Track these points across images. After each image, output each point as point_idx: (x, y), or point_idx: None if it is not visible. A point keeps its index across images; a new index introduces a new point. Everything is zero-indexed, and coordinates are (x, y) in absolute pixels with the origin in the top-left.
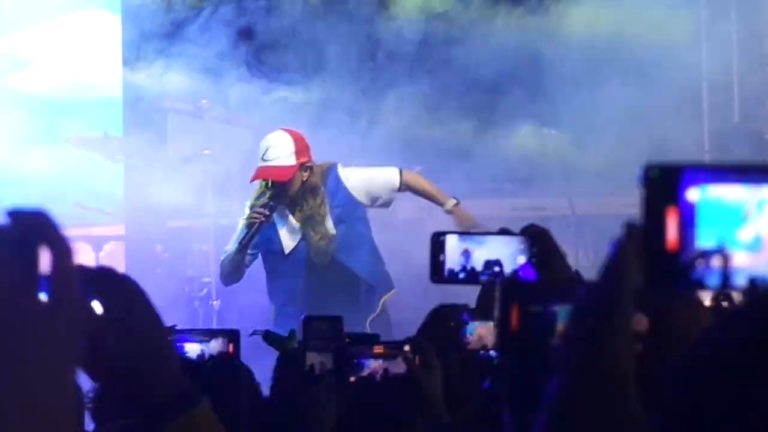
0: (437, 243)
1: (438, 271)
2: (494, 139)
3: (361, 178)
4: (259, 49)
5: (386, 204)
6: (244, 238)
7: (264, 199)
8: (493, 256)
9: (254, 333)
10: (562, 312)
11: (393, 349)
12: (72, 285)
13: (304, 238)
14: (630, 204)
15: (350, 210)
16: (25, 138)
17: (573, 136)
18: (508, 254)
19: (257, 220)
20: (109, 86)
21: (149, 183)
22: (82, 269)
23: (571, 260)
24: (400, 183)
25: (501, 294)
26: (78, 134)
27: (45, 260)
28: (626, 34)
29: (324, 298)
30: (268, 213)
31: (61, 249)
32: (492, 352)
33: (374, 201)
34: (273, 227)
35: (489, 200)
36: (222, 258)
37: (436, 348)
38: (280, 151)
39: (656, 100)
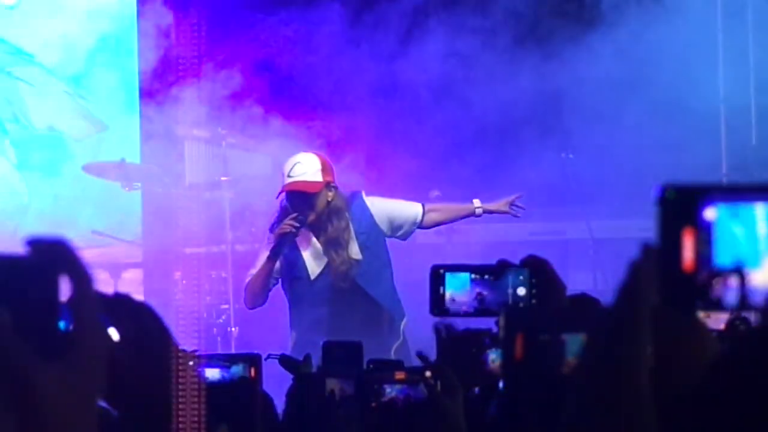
0: (437, 276)
1: (439, 305)
2: (513, 165)
3: (386, 207)
4: (280, 82)
5: (405, 236)
6: (274, 248)
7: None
8: (502, 296)
9: (269, 357)
10: (571, 340)
11: (414, 374)
12: (92, 313)
13: (328, 264)
14: (648, 227)
15: (375, 237)
16: (43, 165)
17: (592, 161)
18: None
19: (289, 230)
20: (127, 112)
21: (167, 210)
22: (99, 296)
23: (589, 283)
24: (423, 218)
25: (505, 323)
26: (95, 161)
27: (65, 288)
28: (646, 65)
29: (348, 326)
30: (298, 225)
31: (81, 277)
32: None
33: (395, 231)
34: (297, 252)
35: (508, 224)
36: (247, 281)
37: (458, 374)
38: (307, 168)
39: (674, 126)
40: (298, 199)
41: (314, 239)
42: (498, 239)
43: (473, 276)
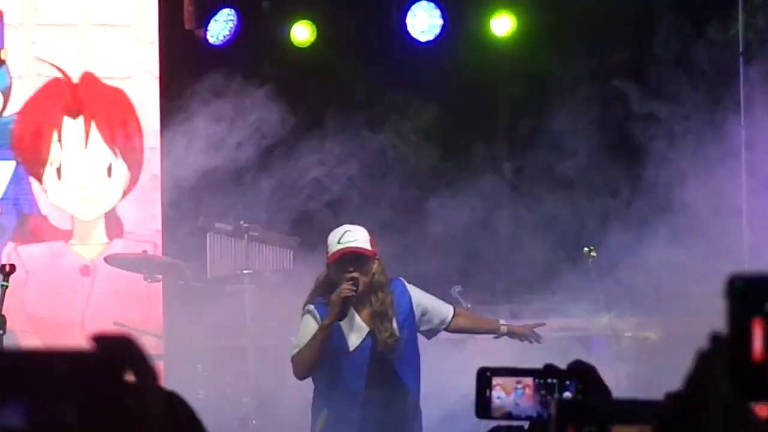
0: (484, 379)
1: (485, 407)
2: (534, 263)
3: (422, 298)
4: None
5: (429, 334)
6: (338, 312)
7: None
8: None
9: None
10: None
11: None
12: (157, 409)
13: (369, 335)
14: (670, 325)
15: (411, 322)
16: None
17: (615, 260)
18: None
19: (350, 294)
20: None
21: (189, 302)
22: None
23: (612, 380)
24: (451, 320)
25: (557, 414)
26: (118, 253)
27: (130, 384)
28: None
29: (382, 406)
30: (355, 289)
31: (146, 373)
32: None
33: (421, 325)
34: (336, 324)
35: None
36: (294, 353)
37: None
38: (358, 236)
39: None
40: (354, 262)
41: (356, 314)
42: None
43: (518, 380)
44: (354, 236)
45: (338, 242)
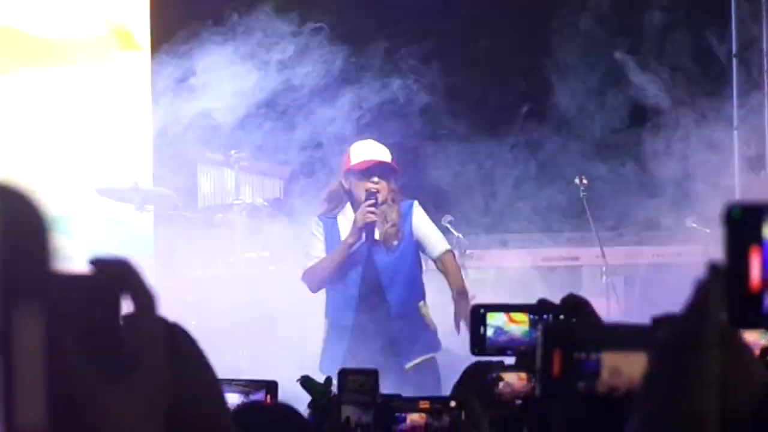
0: (478, 316)
1: (479, 344)
2: (528, 190)
3: (424, 224)
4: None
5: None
6: (363, 236)
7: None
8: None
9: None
10: (610, 359)
11: (438, 403)
12: (155, 333)
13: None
14: (661, 254)
15: (408, 231)
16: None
17: (606, 187)
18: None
19: (373, 219)
20: (140, 134)
21: (179, 232)
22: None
23: (603, 310)
24: (438, 257)
25: (543, 339)
26: (108, 184)
27: (128, 309)
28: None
29: (373, 318)
30: (375, 213)
31: (144, 297)
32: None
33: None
34: (338, 236)
35: (522, 249)
36: (311, 264)
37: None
38: (384, 152)
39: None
40: (380, 173)
41: (353, 212)
42: (512, 264)
43: (513, 315)
44: (381, 150)
45: (366, 153)
